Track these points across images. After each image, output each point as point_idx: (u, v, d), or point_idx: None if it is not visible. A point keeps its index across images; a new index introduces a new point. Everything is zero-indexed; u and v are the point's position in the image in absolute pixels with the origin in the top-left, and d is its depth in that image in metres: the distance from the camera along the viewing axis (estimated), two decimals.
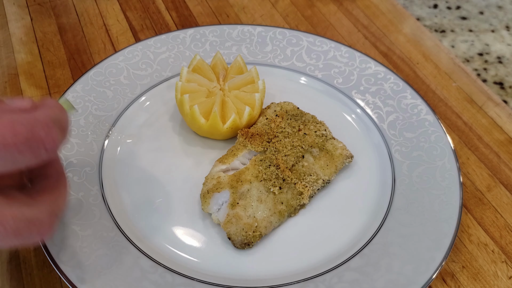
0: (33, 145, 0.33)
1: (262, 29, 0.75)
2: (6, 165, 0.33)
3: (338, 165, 0.59)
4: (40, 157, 0.34)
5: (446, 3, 0.95)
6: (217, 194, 0.55)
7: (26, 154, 0.33)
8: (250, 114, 0.61)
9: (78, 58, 0.75)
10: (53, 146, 0.35)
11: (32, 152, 0.33)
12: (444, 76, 0.76)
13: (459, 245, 0.57)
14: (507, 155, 0.66)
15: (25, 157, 0.33)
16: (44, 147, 0.34)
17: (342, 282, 0.50)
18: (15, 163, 0.33)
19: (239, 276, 0.52)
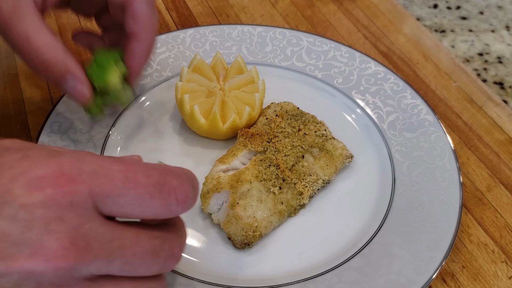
0: (164, 191, 0.33)
1: (262, 29, 0.75)
2: (134, 209, 0.32)
3: (338, 165, 0.59)
4: (170, 208, 0.33)
5: (446, 3, 0.95)
6: (217, 194, 0.55)
7: (156, 201, 0.32)
8: (250, 114, 0.61)
9: (78, 58, 0.74)
10: (185, 199, 0.34)
11: (162, 200, 0.33)
12: (444, 76, 0.76)
13: (459, 245, 0.57)
14: (507, 155, 0.66)
15: (154, 204, 0.32)
16: (175, 197, 0.33)
17: (342, 282, 0.50)
18: (144, 208, 0.32)
19: (239, 276, 0.52)
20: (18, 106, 0.68)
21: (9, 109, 0.68)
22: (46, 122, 0.60)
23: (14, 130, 0.65)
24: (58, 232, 0.29)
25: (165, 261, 0.34)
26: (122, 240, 0.32)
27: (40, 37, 0.45)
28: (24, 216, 0.29)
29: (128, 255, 0.32)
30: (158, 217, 0.34)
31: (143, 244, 0.33)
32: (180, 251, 0.36)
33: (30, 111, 0.67)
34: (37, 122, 0.66)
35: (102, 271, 0.31)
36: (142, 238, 0.33)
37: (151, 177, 0.33)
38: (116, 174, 0.32)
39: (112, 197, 0.32)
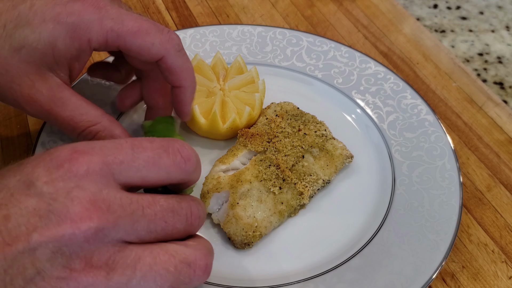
0: (170, 152, 0.36)
1: (262, 29, 0.75)
2: (149, 170, 0.36)
3: (338, 165, 0.59)
4: (179, 166, 0.36)
5: (446, 3, 0.95)
6: (217, 194, 0.55)
7: (165, 159, 0.36)
8: (250, 114, 0.61)
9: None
10: (189, 157, 0.37)
11: (170, 159, 0.36)
12: (444, 76, 0.76)
13: (459, 245, 0.57)
14: (507, 155, 0.66)
15: (165, 163, 0.36)
16: (181, 156, 0.37)
17: (342, 282, 0.50)
18: (157, 169, 0.36)
19: (239, 276, 0.52)
20: None
21: (9, 109, 0.68)
22: (46, 122, 0.60)
23: (14, 130, 0.65)
24: (79, 198, 0.32)
25: (187, 218, 0.36)
26: (140, 202, 0.34)
27: (81, 122, 0.49)
28: (48, 191, 0.32)
29: (150, 214, 0.34)
30: (173, 177, 0.37)
31: (161, 203, 0.35)
32: (198, 210, 0.38)
33: None
34: (37, 122, 0.66)
35: (131, 234, 0.33)
36: (158, 199, 0.35)
37: (155, 142, 0.36)
38: (124, 144, 0.35)
39: (126, 163, 0.34)
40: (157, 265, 0.33)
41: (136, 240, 0.34)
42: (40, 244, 0.31)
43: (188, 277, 0.34)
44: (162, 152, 0.36)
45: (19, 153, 0.63)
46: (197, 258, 0.35)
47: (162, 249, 0.34)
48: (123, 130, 0.52)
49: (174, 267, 0.34)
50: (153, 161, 0.35)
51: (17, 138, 0.64)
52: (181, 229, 0.36)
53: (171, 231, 0.35)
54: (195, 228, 0.38)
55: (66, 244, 0.31)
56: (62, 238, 0.31)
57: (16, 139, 0.64)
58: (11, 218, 0.31)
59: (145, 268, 0.33)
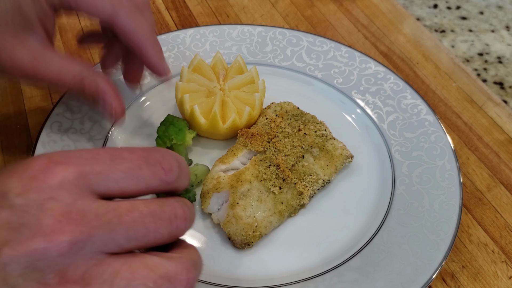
0: (150, 163, 0.35)
1: (262, 29, 0.75)
2: (128, 182, 0.34)
3: (338, 165, 0.59)
4: (159, 177, 0.35)
5: (446, 3, 0.95)
6: (217, 194, 0.55)
7: (145, 171, 0.34)
8: (250, 114, 0.61)
9: (78, 58, 0.75)
10: (170, 168, 0.35)
11: (150, 170, 0.34)
12: (444, 76, 0.76)
13: (459, 245, 0.57)
14: (507, 155, 0.66)
15: (144, 174, 0.34)
16: (162, 167, 0.35)
17: (342, 282, 0.50)
18: (136, 180, 0.34)
19: (239, 276, 0.52)
20: (18, 106, 0.68)
21: (9, 109, 0.68)
22: (46, 122, 0.60)
23: (14, 130, 0.65)
24: (52, 210, 0.31)
25: (171, 222, 0.35)
26: (117, 210, 0.32)
27: (67, 75, 0.50)
28: (20, 203, 0.31)
29: (128, 221, 0.32)
30: (152, 188, 0.35)
31: (140, 209, 0.33)
32: (185, 211, 0.36)
33: (30, 111, 0.67)
34: (37, 122, 0.66)
35: (109, 244, 0.32)
36: (137, 205, 0.33)
37: (135, 153, 0.35)
38: (103, 154, 0.34)
39: (104, 173, 0.33)
40: (135, 280, 0.32)
41: (117, 249, 0.32)
42: (11, 259, 0.29)
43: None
44: (142, 163, 0.34)
45: (19, 153, 0.63)
46: (178, 273, 0.33)
47: (141, 262, 0.33)
48: (109, 81, 0.53)
49: (153, 283, 0.32)
50: (132, 172, 0.34)
51: (17, 138, 0.64)
52: (166, 234, 0.35)
53: (154, 237, 0.34)
54: (182, 230, 0.36)
55: (39, 258, 0.30)
56: (34, 253, 0.30)
57: (16, 139, 0.64)
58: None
59: (122, 283, 0.31)
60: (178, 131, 0.59)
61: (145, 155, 0.35)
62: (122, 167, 0.34)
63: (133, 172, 0.34)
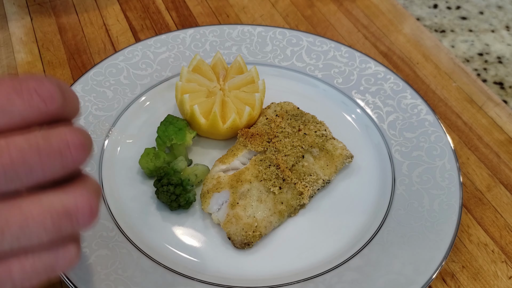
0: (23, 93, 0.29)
1: (262, 29, 0.75)
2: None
3: (338, 165, 0.59)
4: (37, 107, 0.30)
5: (446, 3, 0.95)
6: (217, 194, 0.55)
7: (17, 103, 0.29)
8: (250, 114, 0.61)
9: (78, 58, 0.75)
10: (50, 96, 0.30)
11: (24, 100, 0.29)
12: (444, 76, 0.76)
13: (459, 245, 0.57)
14: (507, 155, 0.66)
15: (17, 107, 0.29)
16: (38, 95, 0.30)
17: (342, 282, 0.50)
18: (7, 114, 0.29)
19: (239, 276, 0.52)
20: None
21: None
22: None
23: None
24: None
25: (63, 152, 0.30)
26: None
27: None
28: None
29: (3, 160, 0.28)
30: (32, 120, 0.30)
31: (18, 144, 0.29)
32: (79, 138, 0.31)
33: None
34: None
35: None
36: (14, 140, 0.29)
37: (3, 83, 0.30)
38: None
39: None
40: (28, 223, 0.28)
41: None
42: None
43: (71, 227, 0.30)
44: (12, 94, 0.29)
45: None
46: (79, 204, 0.30)
47: (33, 202, 0.29)
48: None
49: (51, 221, 0.29)
50: (1, 106, 0.29)
51: None
52: (58, 168, 0.30)
53: (43, 174, 0.29)
54: (79, 159, 0.31)
55: None
56: None
57: None
58: None
59: (14, 229, 0.28)
60: (178, 131, 0.59)
61: (16, 85, 0.30)
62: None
63: (2, 106, 0.29)
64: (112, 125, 0.63)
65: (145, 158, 0.58)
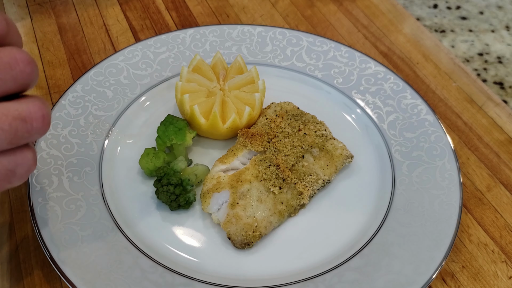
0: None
1: (262, 29, 0.75)
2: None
3: (338, 165, 0.59)
4: None
5: (446, 3, 0.95)
6: (217, 194, 0.55)
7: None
8: (250, 114, 0.61)
9: (78, 58, 0.75)
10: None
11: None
12: (444, 76, 0.76)
13: (459, 245, 0.57)
14: (507, 155, 0.66)
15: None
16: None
17: (342, 282, 0.50)
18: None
19: (239, 276, 0.52)
20: None
21: None
22: None
23: None
24: None
25: (12, 67, 0.33)
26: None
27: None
28: None
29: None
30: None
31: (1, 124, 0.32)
32: (26, 56, 0.33)
33: None
34: None
35: None
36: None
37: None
38: None
39: None
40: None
41: None
42: None
43: (26, 132, 0.33)
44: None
45: None
46: (32, 111, 0.33)
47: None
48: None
49: (8, 125, 0.32)
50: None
51: None
52: (9, 80, 0.32)
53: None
54: (28, 73, 0.33)
55: None
56: None
57: None
58: None
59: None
60: (178, 131, 0.59)
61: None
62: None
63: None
64: (112, 125, 0.63)
65: (145, 158, 0.58)
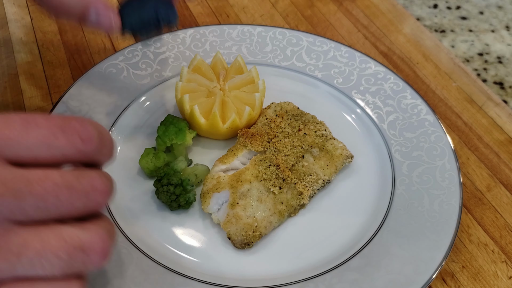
0: (67, 132, 0.33)
1: (262, 29, 0.75)
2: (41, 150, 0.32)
3: (338, 165, 0.59)
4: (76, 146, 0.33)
5: (446, 3, 0.95)
6: (217, 194, 0.55)
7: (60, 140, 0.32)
8: (250, 114, 0.61)
9: (78, 58, 0.75)
10: (89, 138, 0.34)
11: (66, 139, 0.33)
12: (444, 76, 0.76)
13: (459, 245, 0.57)
14: (507, 155, 0.66)
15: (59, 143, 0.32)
16: (79, 136, 0.33)
17: (342, 282, 0.50)
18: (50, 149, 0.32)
19: (239, 276, 0.52)
20: (18, 106, 0.68)
21: (9, 109, 0.68)
22: None
23: None
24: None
25: (88, 195, 0.33)
26: (28, 178, 0.31)
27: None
28: None
29: (38, 190, 0.31)
30: (70, 158, 0.33)
31: (53, 178, 0.32)
32: (105, 184, 0.34)
33: (30, 111, 0.67)
34: None
35: (17, 213, 0.30)
36: (52, 174, 0.32)
37: (52, 120, 0.33)
38: (15, 119, 0.32)
39: (15, 139, 0.31)
40: (46, 251, 0.30)
41: (26, 219, 0.31)
42: None
43: (82, 263, 0.32)
44: (58, 131, 0.32)
45: None
46: (93, 242, 0.32)
47: (53, 232, 0.31)
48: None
49: (66, 253, 0.31)
50: (46, 140, 0.32)
51: None
52: (81, 207, 0.33)
53: (68, 209, 0.32)
54: (100, 204, 0.34)
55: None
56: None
57: None
58: None
59: (31, 254, 0.30)
60: (178, 131, 0.59)
61: (62, 123, 0.33)
62: (36, 134, 0.32)
63: (47, 140, 0.32)
64: (112, 125, 0.63)
65: (145, 158, 0.58)
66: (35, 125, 0.32)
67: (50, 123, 0.32)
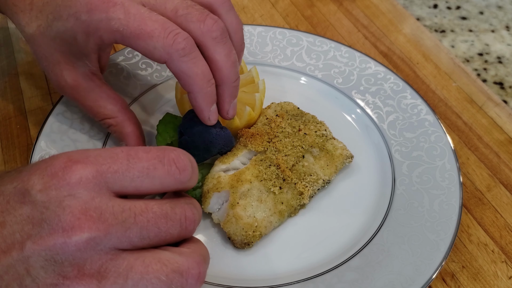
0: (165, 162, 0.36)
1: (262, 29, 0.75)
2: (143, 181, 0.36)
3: (338, 165, 0.59)
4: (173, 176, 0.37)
5: (446, 3, 0.95)
6: (217, 194, 0.55)
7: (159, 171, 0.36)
8: (250, 114, 0.61)
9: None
10: (184, 167, 0.37)
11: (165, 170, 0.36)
12: (444, 76, 0.76)
13: (459, 245, 0.57)
14: (507, 155, 0.66)
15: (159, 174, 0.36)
16: (176, 166, 0.37)
17: (342, 282, 0.50)
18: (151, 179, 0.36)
19: (239, 276, 0.52)
20: (18, 106, 0.68)
21: (9, 109, 0.68)
22: (46, 122, 0.60)
23: (14, 130, 0.65)
24: (70, 207, 0.33)
25: (181, 224, 0.37)
26: (133, 209, 0.34)
27: (98, 113, 0.56)
28: (42, 199, 0.33)
29: (142, 221, 0.34)
30: (166, 187, 0.37)
31: (154, 210, 0.35)
32: (193, 213, 0.38)
33: (30, 111, 0.67)
34: (37, 122, 0.66)
35: (123, 242, 0.34)
36: (151, 205, 0.35)
37: (151, 152, 0.36)
38: (120, 154, 0.35)
39: (120, 172, 0.35)
40: (148, 274, 0.33)
41: (129, 246, 0.34)
42: (33, 252, 0.32)
43: (180, 286, 0.35)
44: (157, 162, 0.36)
45: (19, 153, 0.63)
46: (190, 267, 0.35)
47: (154, 257, 0.34)
48: (135, 128, 0.56)
49: (166, 276, 0.34)
50: (148, 171, 0.36)
51: (17, 138, 0.64)
52: (175, 234, 0.36)
53: (165, 237, 0.36)
54: (190, 232, 0.38)
55: (58, 252, 0.32)
56: (54, 247, 0.32)
57: (16, 139, 0.64)
58: (6, 225, 0.33)
59: (136, 276, 0.33)
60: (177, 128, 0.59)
61: (160, 154, 0.36)
62: (138, 166, 0.35)
63: (148, 172, 0.35)
64: None
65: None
66: (137, 158, 0.36)
67: (150, 155, 0.36)
